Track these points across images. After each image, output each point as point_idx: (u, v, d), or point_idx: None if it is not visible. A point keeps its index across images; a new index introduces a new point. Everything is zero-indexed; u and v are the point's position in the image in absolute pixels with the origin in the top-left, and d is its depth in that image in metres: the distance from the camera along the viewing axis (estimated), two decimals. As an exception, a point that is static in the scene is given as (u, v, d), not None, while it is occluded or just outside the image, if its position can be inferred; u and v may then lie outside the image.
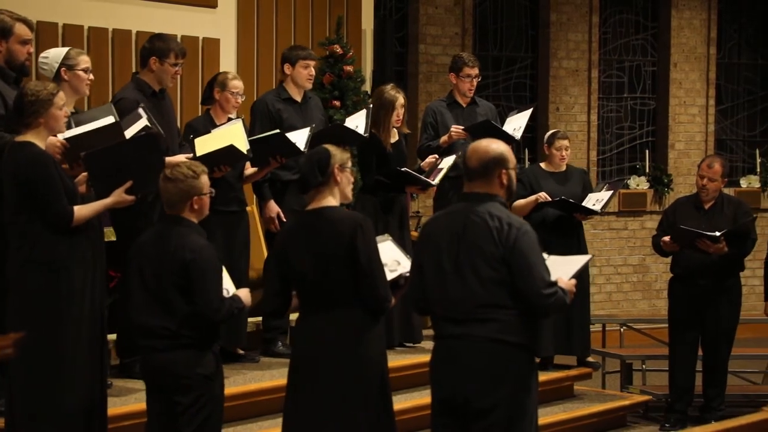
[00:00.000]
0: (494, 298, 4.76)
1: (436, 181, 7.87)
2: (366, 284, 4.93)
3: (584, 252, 8.19)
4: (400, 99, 7.90)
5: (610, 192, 8.22)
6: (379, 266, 4.98)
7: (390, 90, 7.95)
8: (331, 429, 4.95)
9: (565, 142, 8.28)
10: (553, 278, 4.81)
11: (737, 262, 8.05)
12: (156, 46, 6.79)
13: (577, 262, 5.19)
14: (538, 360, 7.92)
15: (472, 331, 4.77)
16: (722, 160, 8.19)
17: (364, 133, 7.49)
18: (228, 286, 5.28)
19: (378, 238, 5.37)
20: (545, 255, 4.91)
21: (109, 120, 5.70)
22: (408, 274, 5.19)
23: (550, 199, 7.97)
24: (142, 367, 5.27)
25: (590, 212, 8.05)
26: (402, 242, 7.94)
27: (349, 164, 5.13)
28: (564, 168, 8.29)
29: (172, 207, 5.19)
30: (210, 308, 5.06)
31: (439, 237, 4.90)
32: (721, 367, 8.12)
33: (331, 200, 5.06)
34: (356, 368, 4.95)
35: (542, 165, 8.40)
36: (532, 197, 8.02)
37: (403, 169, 7.75)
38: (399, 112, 7.87)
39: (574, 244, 8.13)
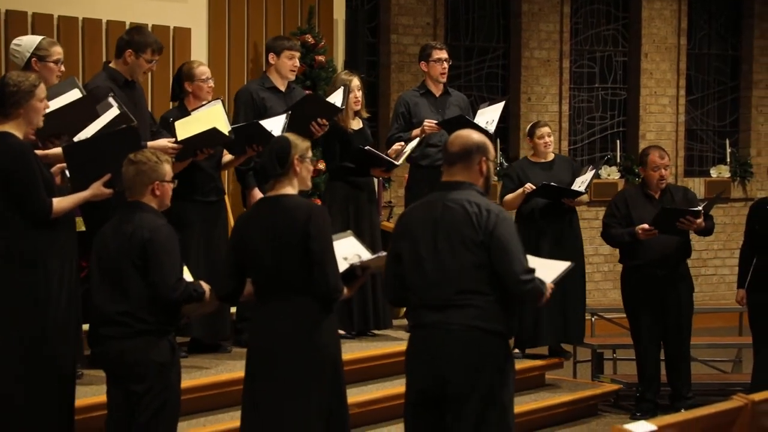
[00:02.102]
0: (473, 284, 4.78)
1: (400, 161, 7.91)
2: (317, 272, 4.93)
3: (579, 241, 8.24)
4: (355, 80, 7.93)
5: (593, 172, 8.27)
6: (331, 255, 4.99)
7: (342, 74, 8.07)
8: (284, 417, 4.96)
9: (546, 130, 8.36)
10: None
11: (688, 249, 8.11)
12: (134, 39, 6.77)
13: (557, 267, 5.20)
14: (517, 351, 8.03)
15: (450, 318, 4.79)
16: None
17: (341, 105, 7.55)
18: (185, 276, 5.28)
19: (340, 234, 5.40)
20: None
21: (77, 94, 5.68)
22: (366, 264, 5.18)
23: (534, 187, 8.02)
24: (98, 356, 5.26)
25: (575, 194, 8.08)
26: (371, 219, 8.00)
27: (309, 154, 5.15)
28: (551, 157, 8.36)
29: (132, 192, 5.18)
30: (166, 286, 5.04)
31: (417, 225, 4.92)
32: (686, 353, 8.18)
33: (290, 189, 5.08)
34: (309, 356, 4.96)
35: (529, 157, 8.46)
36: (519, 190, 8.08)
37: (366, 148, 7.78)
38: (356, 94, 7.90)
39: (566, 232, 8.17)
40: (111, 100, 6.11)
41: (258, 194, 7.55)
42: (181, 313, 5.27)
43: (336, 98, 7.65)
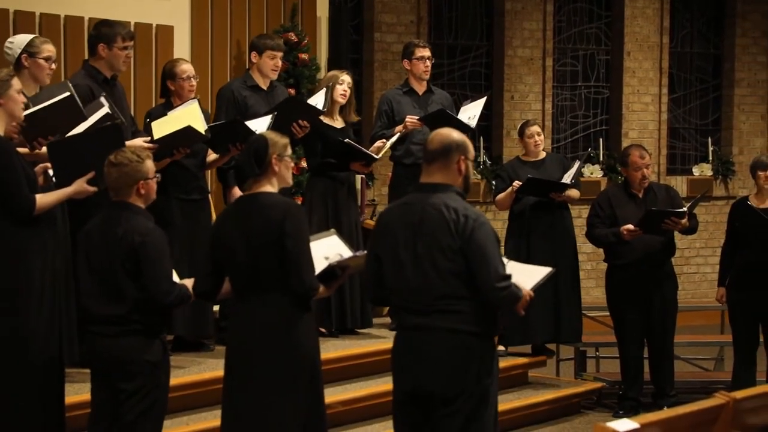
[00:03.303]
0: (453, 290, 4.79)
1: (380, 155, 7.92)
2: (292, 270, 4.92)
3: (571, 238, 8.25)
4: (344, 75, 7.94)
5: (577, 164, 8.29)
6: (306, 254, 4.98)
7: (333, 71, 8.14)
8: (260, 417, 4.95)
9: (536, 129, 8.39)
10: None
11: (672, 248, 8.13)
12: (102, 32, 6.76)
13: (537, 273, 5.19)
14: (502, 348, 8.03)
15: (434, 323, 4.80)
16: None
17: (323, 108, 7.54)
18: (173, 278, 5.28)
19: (323, 233, 5.40)
20: (504, 260, 4.94)
21: (64, 94, 5.67)
22: (345, 264, 5.18)
23: (521, 183, 8.04)
24: (87, 353, 5.25)
25: (562, 187, 8.08)
26: (350, 215, 7.99)
27: (288, 152, 5.13)
28: (542, 156, 8.38)
29: (117, 192, 5.16)
30: (160, 291, 5.04)
31: (396, 228, 4.92)
32: (669, 351, 8.21)
33: (268, 187, 5.07)
34: (286, 355, 4.96)
35: (521, 156, 8.48)
36: (509, 189, 8.10)
37: (346, 141, 7.78)
38: (344, 88, 7.90)
39: (558, 229, 8.18)
40: (102, 99, 6.10)
41: (238, 193, 7.54)
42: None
43: (317, 100, 7.65)
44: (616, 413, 8.06)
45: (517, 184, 8.07)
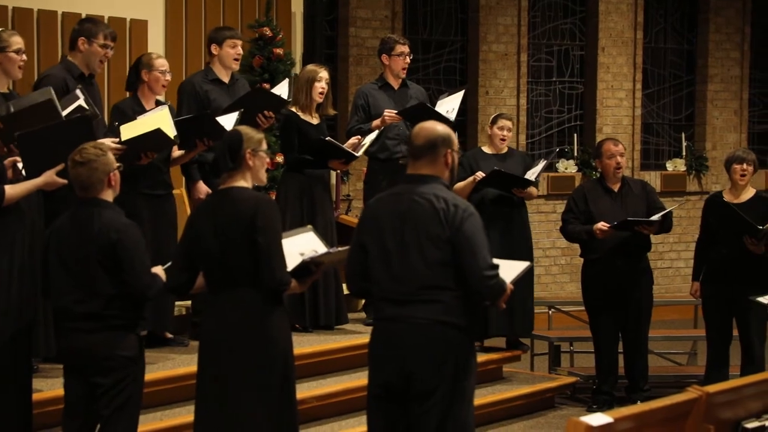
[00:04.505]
0: (439, 280, 4.79)
1: (359, 153, 7.90)
2: (263, 265, 4.92)
3: (527, 232, 8.27)
4: (322, 72, 7.92)
5: (543, 163, 8.31)
6: (278, 248, 4.97)
7: (311, 66, 8.08)
8: (232, 412, 4.95)
9: (509, 123, 8.39)
10: None
11: (648, 243, 8.19)
12: (85, 26, 6.73)
13: (516, 267, 5.21)
14: (478, 344, 8.04)
15: (415, 313, 4.79)
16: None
17: (287, 98, 7.52)
18: None
19: (299, 229, 5.39)
20: None
21: (44, 98, 5.64)
22: (319, 260, 5.18)
23: (484, 175, 8.04)
24: (63, 350, 5.22)
25: (526, 183, 8.10)
26: (325, 212, 7.98)
27: (263, 147, 5.13)
28: (505, 150, 8.36)
29: (87, 190, 5.11)
30: (141, 285, 5.04)
31: (383, 218, 4.91)
32: (644, 346, 8.24)
33: (242, 182, 5.07)
34: (258, 349, 4.96)
35: (483, 148, 8.48)
36: (470, 178, 8.08)
37: (326, 139, 7.77)
38: (322, 85, 7.88)
39: (515, 224, 8.19)
40: (78, 92, 6.07)
41: (202, 187, 7.52)
42: None
43: (281, 90, 7.62)
44: (590, 408, 8.09)
45: (480, 174, 8.06)
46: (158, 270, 5.25)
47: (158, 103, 7.23)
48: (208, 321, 5.12)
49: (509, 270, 5.09)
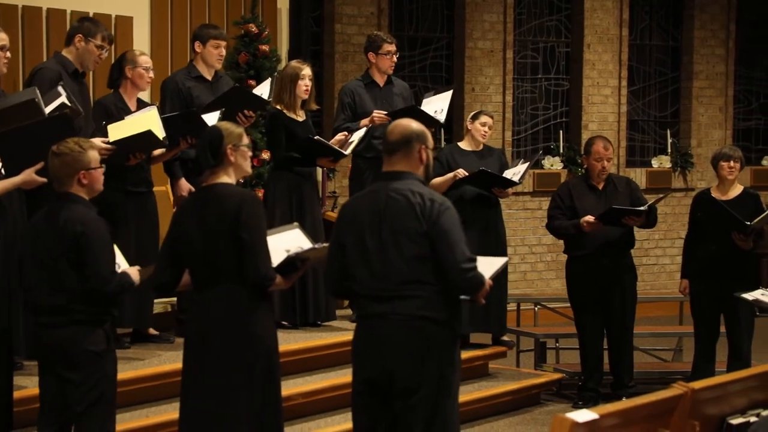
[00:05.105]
0: (417, 275, 4.80)
1: (348, 151, 7.89)
2: (248, 260, 4.92)
3: (501, 232, 8.29)
4: (306, 69, 7.91)
5: (527, 164, 8.31)
6: (262, 244, 4.97)
7: (294, 63, 8.03)
8: (216, 407, 4.94)
9: (490, 120, 8.39)
10: None
11: (632, 240, 8.21)
12: (84, 25, 6.75)
13: (494, 263, 5.23)
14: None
15: (396, 309, 4.81)
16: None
17: (268, 98, 7.49)
18: (120, 261, 5.26)
19: (286, 226, 5.39)
20: None
21: (28, 97, 5.62)
22: (305, 256, 5.18)
23: (467, 174, 8.02)
24: (33, 345, 5.21)
25: (509, 183, 8.11)
26: (314, 209, 7.97)
27: (244, 141, 5.12)
28: (481, 147, 8.36)
29: (60, 183, 5.14)
30: (100, 279, 5.03)
31: (361, 216, 4.93)
32: (629, 342, 8.26)
33: (225, 178, 5.06)
34: (242, 346, 4.95)
35: (460, 144, 8.47)
36: (450, 174, 8.08)
37: (315, 138, 7.76)
38: (306, 83, 7.87)
39: (491, 224, 8.20)
40: (60, 89, 6.05)
41: (185, 184, 7.51)
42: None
43: (263, 89, 7.61)
44: (576, 404, 8.10)
45: (461, 172, 8.05)
46: (131, 270, 5.24)
47: (140, 101, 7.22)
48: (193, 318, 5.11)
49: (488, 266, 5.11)
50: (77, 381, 5.03)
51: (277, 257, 5.05)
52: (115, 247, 5.32)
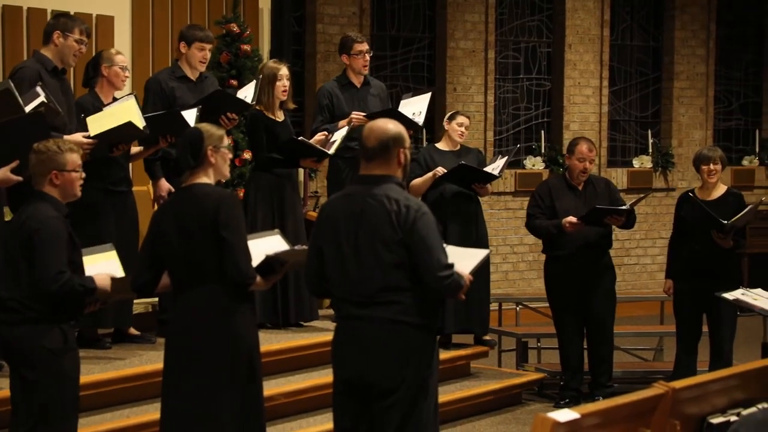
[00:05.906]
0: (394, 282, 4.80)
1: (332, 151, 7.88)
2: (227, 259, 4.91)
3: (482, 229, 8.30)
4: (283, 69, 7.90)
5: (505, 158, 8.33)
6: (242, 242, 4.97)
7: (271, 63, 8.02)
8: (197, 408, 4.94)
9: (467, 120, 8.42)
10: None
11: (610, 240, 8.25)
12: (60, 21, 6.72)
13: (475, 256, 5.22)
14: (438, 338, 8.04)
15: (374, 313, 4.81)
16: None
17: (252, 100, 7.47)
18: (109, 267, 5.23)
19: (267, 232, 5.40)
20: (443, 244, 4.95)
21: (2, 87, 5.60)
22: (283, 258, 5.17)
23: (446, 171, 8.03)
24: None
25: (489, 177, 8.12)
26: (295, 210, 7.96)
27: (225, 143, 5.12)
28: (459, 147, 8.38)
29: (35, 181, 5.16)
30: (44, 277, 5.00)
31: (338, 220, 4.92)
32: (608, 342, 8.28)
33: (204, 179, 5.06)
34: (223, 346, 4.95)
35: (437, 145, 8.48)
36: (429, 174, 8.10)
37: (299, 138, 7.75)
38: (284, 83, 7.86)
39: (472, 217, 8.21)
40: (38, 89, 6.03)
41: (164, 184, 7.50)
42: (86, 302, 5.22)
43: (247, 92, 7.59)
44: (558, 404, 8.12)
45: (440, 170, 8.08)
46: (101, 276, 5.18)
47: (115, 100, 7.19)
48: (174, 318, 5.11)
49: (468, 259, 5.11)
50: (32, 379, 5.02)
51: (257, 261, 5.05)
52: (114, 253, 5.31)
